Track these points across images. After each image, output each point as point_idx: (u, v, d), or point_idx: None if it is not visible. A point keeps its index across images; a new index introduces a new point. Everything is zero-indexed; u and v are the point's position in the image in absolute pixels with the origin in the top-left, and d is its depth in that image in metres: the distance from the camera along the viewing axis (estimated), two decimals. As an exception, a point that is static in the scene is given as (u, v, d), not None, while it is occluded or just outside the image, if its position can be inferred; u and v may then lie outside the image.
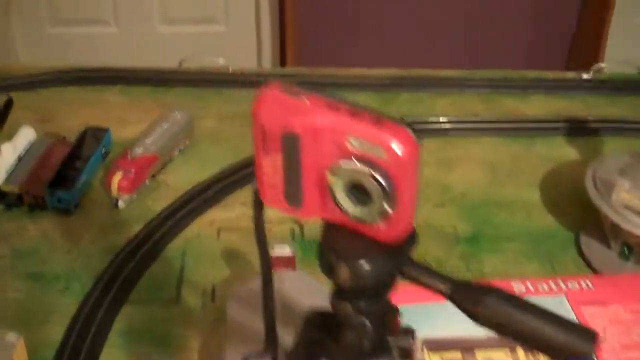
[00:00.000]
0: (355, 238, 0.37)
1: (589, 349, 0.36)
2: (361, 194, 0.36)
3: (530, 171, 0.96)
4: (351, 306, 0.39)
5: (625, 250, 0.83)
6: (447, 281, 0.37)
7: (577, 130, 1.04)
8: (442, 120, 1.05)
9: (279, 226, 0.89)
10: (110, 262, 0.84)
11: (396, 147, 0.34)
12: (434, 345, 0.71)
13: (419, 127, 1.04)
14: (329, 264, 0.38)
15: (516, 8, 2.28)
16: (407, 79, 1.15)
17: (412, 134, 0.34)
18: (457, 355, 0.70)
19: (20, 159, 0.94)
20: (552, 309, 0.39)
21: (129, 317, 0.78)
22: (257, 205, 0.41)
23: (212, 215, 0.91)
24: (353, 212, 0.37)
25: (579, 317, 0.74)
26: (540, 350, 0.37)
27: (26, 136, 0.97)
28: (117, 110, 1.08)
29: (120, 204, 0.91)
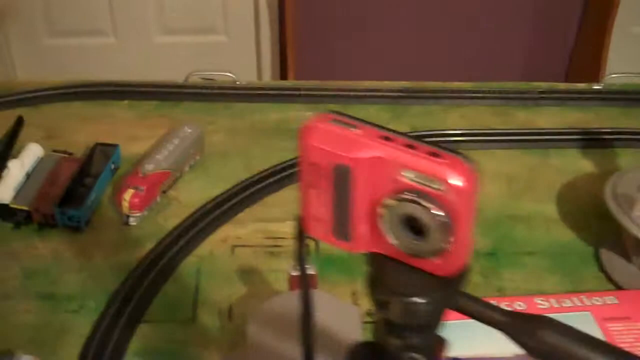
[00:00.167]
0: (408, 272, 0.36)
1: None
2: (416, 228, 0.34)
3: (547, 184, 0.95)
4: (401, 341, 0.38)
5: (647, 264, 0.82)
6: (501, 313, 0.36)
7: (591, 142, 1.03)
8: (454, 132, 1.04)
9: (294, 241, 0.87)
10: (124, 281, 0.82)
11: (455, 179, 0.33)
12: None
13: (431, 140, 1.03)
14: (381, 299, 0.36)
15: (516, 18, 2.28)
16: (418, 91, 1.13)
17: (470, 166, 0.33)
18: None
19: (28, 176, 0.93)
20: (578, 325, 0.38)
21: (145, 337, 0.77)
22: (300, 238, 0.39)
23: (225, 232, 0.89)
24: (407, 247, 0.35)
25: (606, 333, 0.73)
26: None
27: (34, 153, 0.96)
28: (125, 126, 1.06)
29: (132, 221, 0.89)
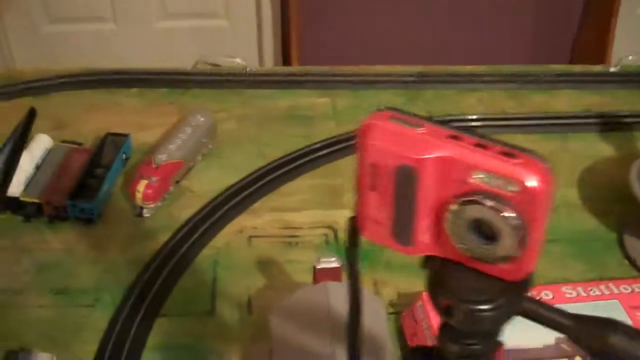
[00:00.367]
0: (474, 277, 0.34)
1: None
2: (486, 232, 0.32)
3: (567, 169, 0.93)
4: (462, 347, 0.36)
5: (673, 250, 0.81)
6: (567, 317, 0.34)
7: (609, 125, 1.02)
8: (470, 117, 1.02)
9: (312, 231, 0.86)
10: (140, 274, 0.80)
11: (531, 181, 0.30)
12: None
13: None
14: (445, 305, 0.34)
15: (521, 1, 2.24)
16: (431, 75, 1.11)
17: (546, 166, 0.31)
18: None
19: (37, 168, 0.91)
20: (606, 314, 0.36)
21: (163, 332, 0.75)
22: (353, 241, 0.37)
23: (240, 222, 0.87)
24: (474, 251, 0.33)
25: (634, 322, 0.71)
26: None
27: (43, 144, 0.94)
28: (134, 114, 1.04)
29: (145, 212, 0.87)
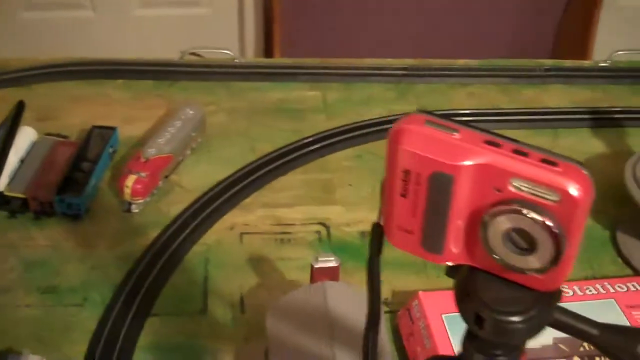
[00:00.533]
0: (506, 287, 0.33)
1: None
2: (523, 242, 0.31)
3: (560, 165, 0.93)
4: (487, 358, 0.35)
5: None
6: (596, 326, 0.33)
7: (601, 121, 1.01)
8: (464, 112, 1.02)
9: (304, 227, 0.85)
10: (130, 272, 0.79)
11: (574, 190, 0.29)
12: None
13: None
14: (475, 315, 0.33)
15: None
16: (422, 69, 1.10)
17: (587, 174, 0.30)
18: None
19: (22, 161, 0.88)
20: (603, 313, 0.36)
21: (154, 331, 0.73)
22: (377, 250, 0.35)
23: (231, 218, 0.86)
24: (508, 261, 0.32)
25: (631, 321, 0.71)
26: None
27: (27, 137, 0.91)
28: (120, 106, 1.02)
29: (133, 208, 0.86)
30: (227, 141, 0.97)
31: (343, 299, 0.66)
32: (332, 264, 0.67)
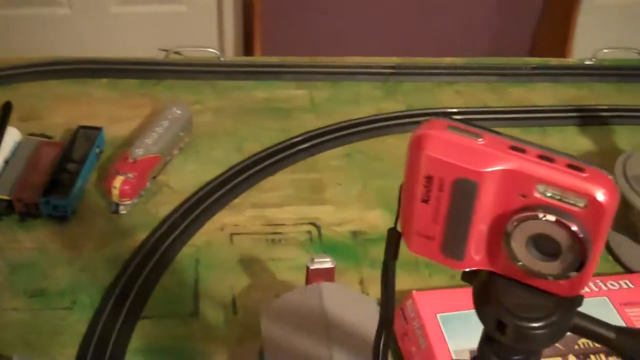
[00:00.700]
0: (528, 293, 0.32)
1: None
2: (547, 248, 0.31)
3: (549, 164, 0.93)
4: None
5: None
6: (614, 330, 0.33)
7: (588, 119, 1.02)
8: (452, 110, 1.01)
9: (295, 228, 0.84)
10: (119, 274, 0.77)
11: (601, 196, 0.29)
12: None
13: (426, 119, 1.00)
14: (497, 322, 0.33)
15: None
16: (409, 67, 1.10)
17: (613, 180, 0.30)
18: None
19: (6, 162, 0.87)
20: (597, 311, 0.36)
21: (145, 334, 0.72)
22: (393, 256, 0.35)
23: (221, 219, 0.85)
24: (531, 267, 0.32)
25: (625, 319, 0.71)
26: None
27: (11, 137, 0.89)
28: (105, 106, 1.00)
29: (121, 209, 0.84)
30: (215, 141, 0.96)
31: (339, 300, 0.65)
32: (328, 265, 0.66)
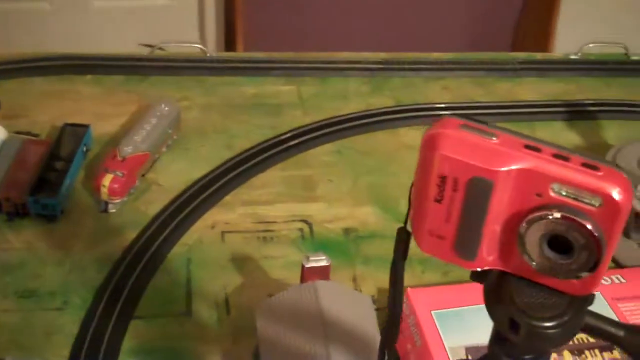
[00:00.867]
0: (541, 292, 0.32)
1: None
2: (561, 246, 0.31)
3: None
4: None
5: (647, 240, 0.82)
6: (621, 328, 0.33)
7: (576, 113, 1.02)
8: (440, 106, 1.01)
9: (287, 225, 0.84)
10: (110, 274, 0.77)
11: (617, 194, 0.29)
12: (477, 352, 0.67)
13: (415, 114, 1.00)
14: (509, 321, 0.33)
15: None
16: (397, 62, 1.10)
17: (628, 179, 0.30)
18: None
19: (-8, 161, 0.86)
20: (591, 306, 0.36)
21: (138, 334, 0.72)
22: (403, 255, 0.35)
23: (212, 217, 0.84)
24: (545, 266, 0.32)
25: (617, 314, 0.72)
26: None
27: (-3, 135, 0.88)
28: (91, 103, 0.99)
29: (110, 208, 0.84)
30: (203, 138, 0.95)
31: (335, 298, 0.65)
32: (323, 263, 0.66)
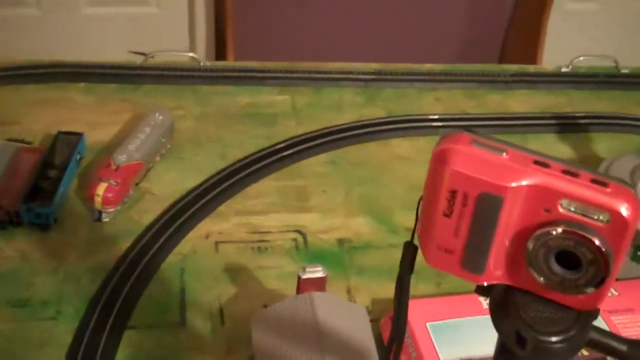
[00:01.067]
0: (546, 306, 0.33)
1: None
2: (569, 262, 0.31)
3: (530, 171, 0.94)
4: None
5: (639, 253, 0.82)
6: (623, 342, 0.34)
7: (567, 126, 1.03)
8: (433, 117, 1.02)
9: (281, 235, 0.84)
10: (104, 284, 0.76)
11: (625, 211, 0.29)
12: (471, 365, 0.67)
13: (408, 126, 1.01)
14: (517, 335, 0.33)
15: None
16: (390, 73, 1.10)
17: (636, 196, 0.30)
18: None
19: (-15, 169, 0.85)
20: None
21: (132, 345, 0.71)
22: (409, 269, 0.35)
23: (206, 227, 0.84)
24: (551, 281, 0.32)
25: (611, 327, 0.72)
26: None
27: (-11, 143, 0.88)
28: (84, 111, 0.99)
29: (104, 217, 0.83)
30: (197, 147, 0.95)
31: (331, 309, 0.65)
32: (320, 274, 0.66)
